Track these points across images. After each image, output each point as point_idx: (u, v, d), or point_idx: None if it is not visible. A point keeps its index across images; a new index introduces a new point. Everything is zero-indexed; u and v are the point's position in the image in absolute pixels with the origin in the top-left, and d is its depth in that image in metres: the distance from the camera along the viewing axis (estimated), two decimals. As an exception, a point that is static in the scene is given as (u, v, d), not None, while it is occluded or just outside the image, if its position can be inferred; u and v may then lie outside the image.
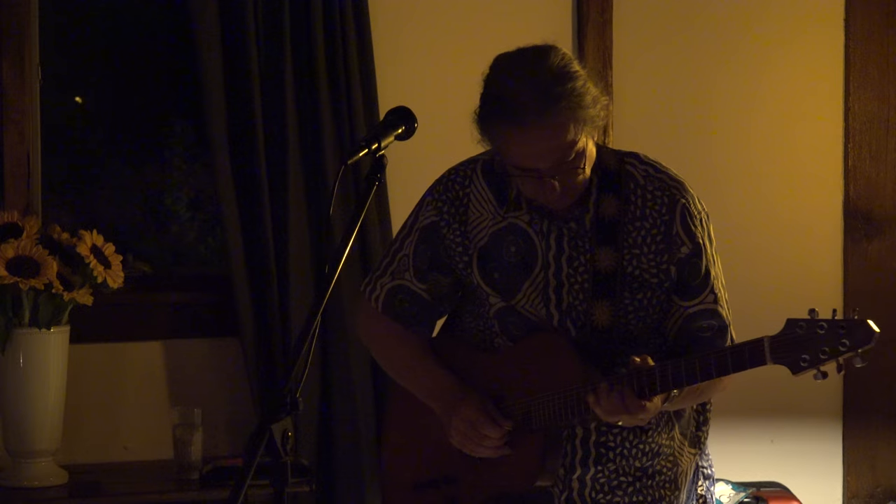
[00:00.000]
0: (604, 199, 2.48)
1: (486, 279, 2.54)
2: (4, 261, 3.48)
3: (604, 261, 2.47)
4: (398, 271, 2.63)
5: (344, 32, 3.79)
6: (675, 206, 2.49)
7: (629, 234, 2.48)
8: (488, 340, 2.60)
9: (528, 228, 2.51)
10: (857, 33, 4.23)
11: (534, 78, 2.32)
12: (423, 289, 2.62)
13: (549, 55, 2.36)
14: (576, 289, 2.48)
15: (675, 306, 2.51)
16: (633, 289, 2.47)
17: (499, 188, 2.54)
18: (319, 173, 3.81)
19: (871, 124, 4.26)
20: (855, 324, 2.23)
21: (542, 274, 2.50)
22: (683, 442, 2.62)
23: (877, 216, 4.26)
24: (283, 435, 1.93)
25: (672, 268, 2.48)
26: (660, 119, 4.17)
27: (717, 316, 2.53)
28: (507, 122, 2.32)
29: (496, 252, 2.53)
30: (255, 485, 2.00)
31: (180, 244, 4.36)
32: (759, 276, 4.19)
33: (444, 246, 2.58)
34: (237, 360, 3.83)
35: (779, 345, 2.26)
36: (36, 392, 3.55)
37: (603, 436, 2.54)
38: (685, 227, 2.49)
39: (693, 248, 2.49)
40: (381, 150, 2.20)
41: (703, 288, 2.51)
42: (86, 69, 4.33)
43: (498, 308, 2.54)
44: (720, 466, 4.12)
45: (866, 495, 4.28)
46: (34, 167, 3.84)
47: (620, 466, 2.54)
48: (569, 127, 2.32)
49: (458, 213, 2.56)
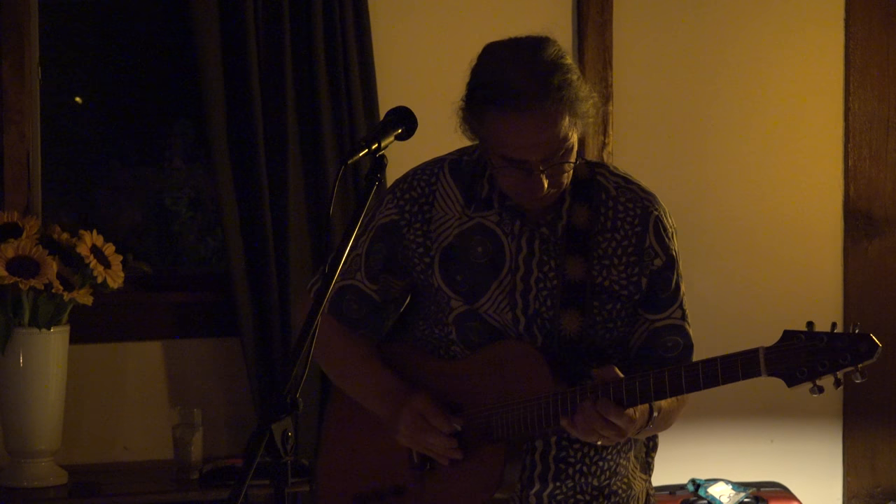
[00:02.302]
0: (576, 207, 2.44)
1: (448, 281, 2.47)
2: (4, 261, 3.48)
3: (573, 270, 2.42)
4: (349, 271, 2.54)
5: (344, 32, 3.79)
6: (647, 218, 2.45)
7: (599, 245, 2.44)
8: (443, 348, 2.51)
9: (496, 229, 2.46)
10: (857, 33, 4.24)
11: (532, 66, 2.29)
12: (374, 290, 2.54)
13: (547, 45, 2.34)
14: (543, 294, 2.43)
15: (642, 319, 2.47)
16: (603, 299, 2.43)
17: (467, 187, 2.48)
18: (319, 173, 3.81)
19: (871, 124, 4.26)
20: (856, 338, 2.18)
21: (510, 277, 2.44)
22: (636, 465, 2.58)
23: (877, 216, 4.26)
24: (283, 435, 1.92)
25: (644, 279, 2.44)
26: (660, 119, 4.17)
27: (683, 333, 2.48)
28: (503, 108, 2.28)
29: (462, 252, 2.47)
30: (255, 485, 2.00)
31: (180, 244, 4.36)
32: (759, 276, 4.19)
33: (402, 246, 2.50)
34: (237, 360, 3.83)
35: (775, 356, 2.20)
36: (36, 392, 3.55)
37: (563, 451, 2.47)
38: (658, 240, 2.45)
39: (666, 261, 2.45)
40: (381, 150, 2.19)
41: (672, 302, 2.47)
42: (86, 69, 4.33)
43: (459, 313, 2.47)
44: (720, 466, 4.14)
45: (866, 495, 4.28)
46: (34, 167, 3.84)
47: (578, 484, 2.48)
48: (564, 118, 2.29)
49: (422, 212, 2.49)
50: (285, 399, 1.94)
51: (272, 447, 1.91)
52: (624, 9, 4.09)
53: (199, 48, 3.75)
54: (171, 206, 4.31)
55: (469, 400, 2.45)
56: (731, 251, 4.20)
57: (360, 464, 2.58)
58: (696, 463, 4.11)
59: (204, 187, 4.25)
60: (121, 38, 4.30)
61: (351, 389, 2.58)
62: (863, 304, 4.21)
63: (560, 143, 2.31)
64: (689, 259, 4.16)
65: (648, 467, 2.62)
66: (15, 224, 3.61)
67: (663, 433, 2.63)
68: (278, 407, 1.94)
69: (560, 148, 2.31)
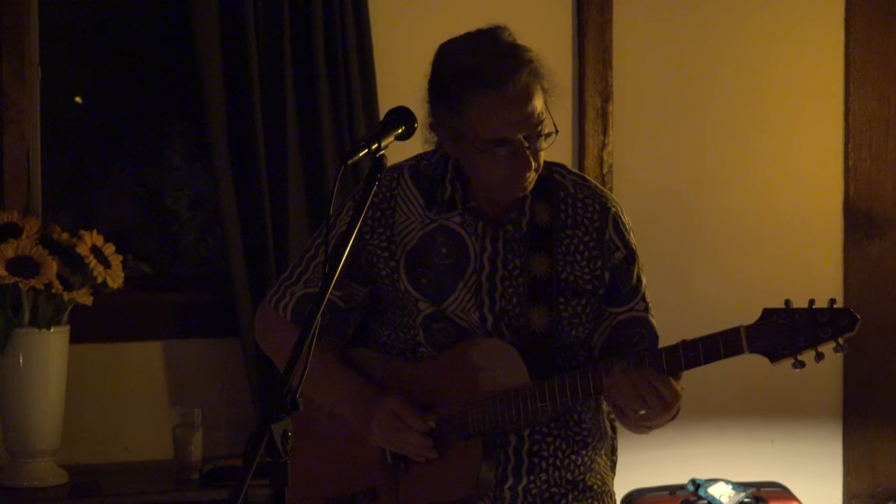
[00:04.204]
0: (538, 205, 2.48)
1: (414, 283, 2.49)
2: (4, 261, 3.48)
3: (538, 267, 2.46)
4: (312, 279, 2.55)
5: (344, 32, 3.79)
6: (606, 214, 2.50)
7: (562, 242, 2.47)
8: (409, 351, 2.52)
9: (460, 230, 2.48)
10: (857, 33, 4.24)
11: (497, 49, 2.38)
12: (339, 296, 2.53)
13: (502, 30, 2.44)
14: (510, 292, 2.46)
15: (606, 314, 2.50)
16: (568, 296, 2.46)
17: (427, 190, 2.51)
18: (319, 173, 3.81)
19: (871, 124, 4.26)
20: (836, 312, 2.26)
21: (475, 276, 2.47)
22: (607, 463, 2.60)
23: (877, 216, 4.26)
24: (283, 435, 1.92)
25: (606, 273, 2.48)
26: (660, 119, 4.17)
27: (647, 325, 2.51)
28: (483, 90, 2.33)
29: (425, 254, 2.49)
30: (255, 485, 2.00)
31: (180, 244, 4.37)
32: (759, 276, 4.19)
33: (365, 252, 2.52)
34: (237, 360, 3.83)
35: (755, 333, 2.27)
36: (36, 392, 3.55)
37: (536, 444, 2.49)
38: (618, 233, 2.49)
39: (627, 254, 2.49)
40: (381, 150, 2.20)
41: (634, 295, 2.51)
42: (86, 69, 4.33)
43: (426, 314, 2.48)
44: (720, 466, 4.14)
45: (866, 495, 4.28)
46: (34, 167, 3.85)
47: (552, 477, 2.50)
48: (538, 91, 2.36)
49: (384, 217, 2.52)
50: (285, 399, 1.94)
51: (272, 447, 1.92)
52: (624, 9, 4.09)
53: (199, 48, 3.75)
54: (171, 206, 4.31)
55: (441, 398, 2.47)
56: (730, 251, 4.20)
57: (329, 469, 2.58)
58: (696, 463, 4.11)
59: (204, 187, 4.25)
60: (121, 39, 4.30)
61: (317, 394, 2.56)
62: (863, 304, 4.21)
63: (538, 116, 2.37)
64: (688, 259, 4.20)
65: (614, 465, 2.64)
66: (15, 224, 3.61)
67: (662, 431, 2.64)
68: (278, 407, 1.94)
69: (539, 122, 2.37)
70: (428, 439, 2.44)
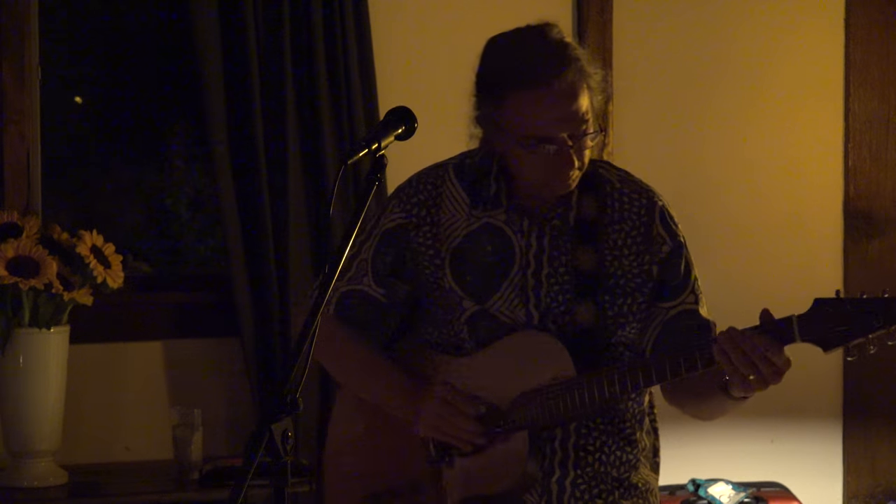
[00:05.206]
0: (584, 198, 2.47)
1: (460, 282, 2.48)
2: (4, 261, 3.48)
3: (585, 260, 2.45)
4: (355, 277, 2.56)
5: (344, 32, 3.79)
6: (653, 208, 2.49)
7: (609, 236, 2.47)
8: (454, 347, 2.52)
9: (504, 227, 2.48)
10: (857, 33, 4.24)
11: (545, 45, 2.37)
12: (382, 293, 2.55)
13: (551, 27, 2.42)
14: (555, 289, 2.45)
15: (657, 310, 2.49)
16: (615, 293, 2.45)
17: (473, 188, 2.50)
18: (319, 173, 3.81)
19: (871, 124, 4.26)
20: (889, 301, 2.25)
21: (520, 273, 2.46)
22: (651, 464, 2.60)
23: (877, 216, 4.26)
24: (283, 435, 1.92)
25: (654, 267, 2.47)
26: (660, 119, 4.17)
27: (697, 317, 2.50)
28: (527, 87, 2.32)
29: (471, 252, 2.48)
30: (255, 485, 2.00)
31: (180, 244, 4.37)
32: (759, 276, 4.19)
33: (410, 250, 2.52)
34: (237, 360, 3.83)
35: (807, 322, 2.27)
36: (36, 392, 3.55)
37: (582, 439, 2.48)
38: (666, 227, 2.49)
39: (674, 246, 2.49)
40: (381, 150, 2.20)
41: (684, 288, 2.50)
42: (86, 69, 4.33)
43: (471, 313, 2.48)
44: (720, 466, 4.14)
45: (866, 495, 4.28)
46: (34, 167, 3.85)
47: (599, 473, 2.49)
48: (584, 90, 2.35)
49: (430, 215, 2.52)
50: (285, 399, 1.94)
51: (272, 447, 1.92)
52: (624, 9, 4.09)
53: (199, 48, 3.75)
54: (171, 206, 4.31)
55: (487, 392, 2.45)
56: (730, 251, 4.20)
57: (371, 462, 2.58)
58: (696, 463, 4.11)
59: (204, 187, 4.25)
60: (120, 39, 4.30)
61: (361, 388, 2.59)
62: (863, 303, 4.21)
63: (583, 115, 2.35)
64: (689, 259, 4.19)
65: (657, 467, 2.64)
66: (15, 224, 3.61)
67: (662, 431, 2.65)
68: (278, 407, 1.94)
69: (583, 121, 2.36)
70: (478, 424, 2.43)
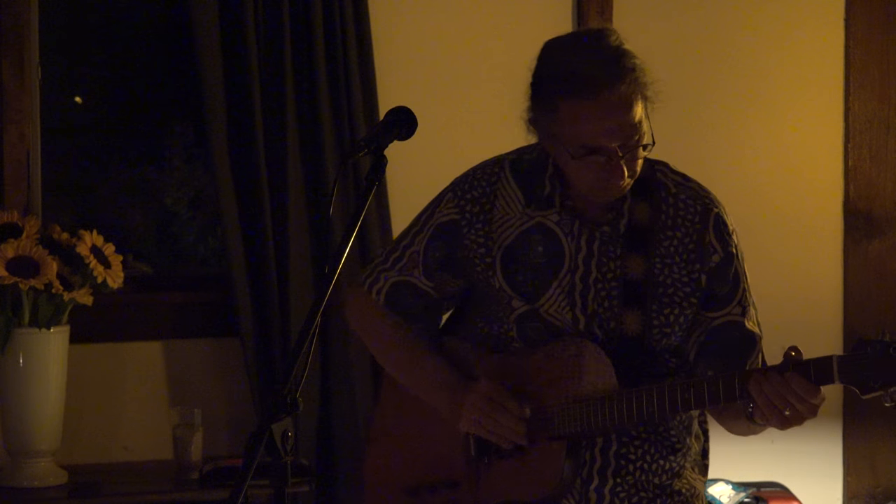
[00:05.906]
0: (637, 205, 2.43)
1: (510, 281, 2.45)
2: (4, 261, 3.48)
3: (634, 268, 2.41)
4: (406, 267, 2.53)
5: (344, 32, 3.79)
6: (708, 216, 2.45)
7: (661, 243, 2.42)
8: (502, 344, 2.49)
9: (556, 229, 2.44)
10: (857, 33, 4.24)
11: (601, 52, 2.30)
12: (431, 287, 2.52)
13: (609, 33, 2.35)
14: (602, 295, 2.41)
15: (702, 318, 2.44)
16: (663, 303, 2.41)
17: (528, 186, 2.47)
18: (319, 173, 3.81)
19: (871, 124, 4.26)
20: None
21: (569, 276, 2.42)
22: (694, 468, 2.57)
23: (877, 216, 4.26)
24: (283, 435, 1.92)
25: (703, 277, 2.43)
26: (659, 118, 4.15)
27: (742, 329, 2.45)
28: (579, 96, 2.27)
29: (521, 252, 2.45)
30: (255, 485, 2.00)
31: (180, 244, 4.37)
32: (759, 276, 4.15)
33: (461, 245, 2.49)
34: (237, 360, 3.83)
35: (848, 364, 2.21)
36: (36, 392, 3.55)
37: (624, 447, 2.44)
38: (718, 236, 2.45)
39: (724, 257, 2.45)
40: (381, 150, 2.20)
41: (731, 299, 2.46)
42: (86, 69, 4.34)
43: (520, 312, 2.45)
44: (720, 466, 4.13)
45: (866, 495, 4.28)
46: (34, 167, 3.84)
47: (640, 481, 2.45)
48: (637, 101, 2.31)
49: (483, 212, 2.48)
50: (285, 399, 1.94)
51: (272, 447, 1.92)
52: (624, 9, 4.09)
53: (199, 48, 3.75)
54: (171, 206, 4.31)
55: (530, 395, 2.42)
56: (731, 251, 4.19)
57: (412, 456, 2.57)
58: (696, 463, 4.11)
59: (204, 187, 4.25)
60: (120, 39, 4.30)
61: (407, 379, 2.57)
62: (863, 304, 4.21)
63: (635, 127, 2.32)
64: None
65: (706, 469, 2.61)
66: (15, 224, 3.61)
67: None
68: (278, 407, 1.94)
69: (636, 132, 2.32)
70: (521, 423, 2.39)
